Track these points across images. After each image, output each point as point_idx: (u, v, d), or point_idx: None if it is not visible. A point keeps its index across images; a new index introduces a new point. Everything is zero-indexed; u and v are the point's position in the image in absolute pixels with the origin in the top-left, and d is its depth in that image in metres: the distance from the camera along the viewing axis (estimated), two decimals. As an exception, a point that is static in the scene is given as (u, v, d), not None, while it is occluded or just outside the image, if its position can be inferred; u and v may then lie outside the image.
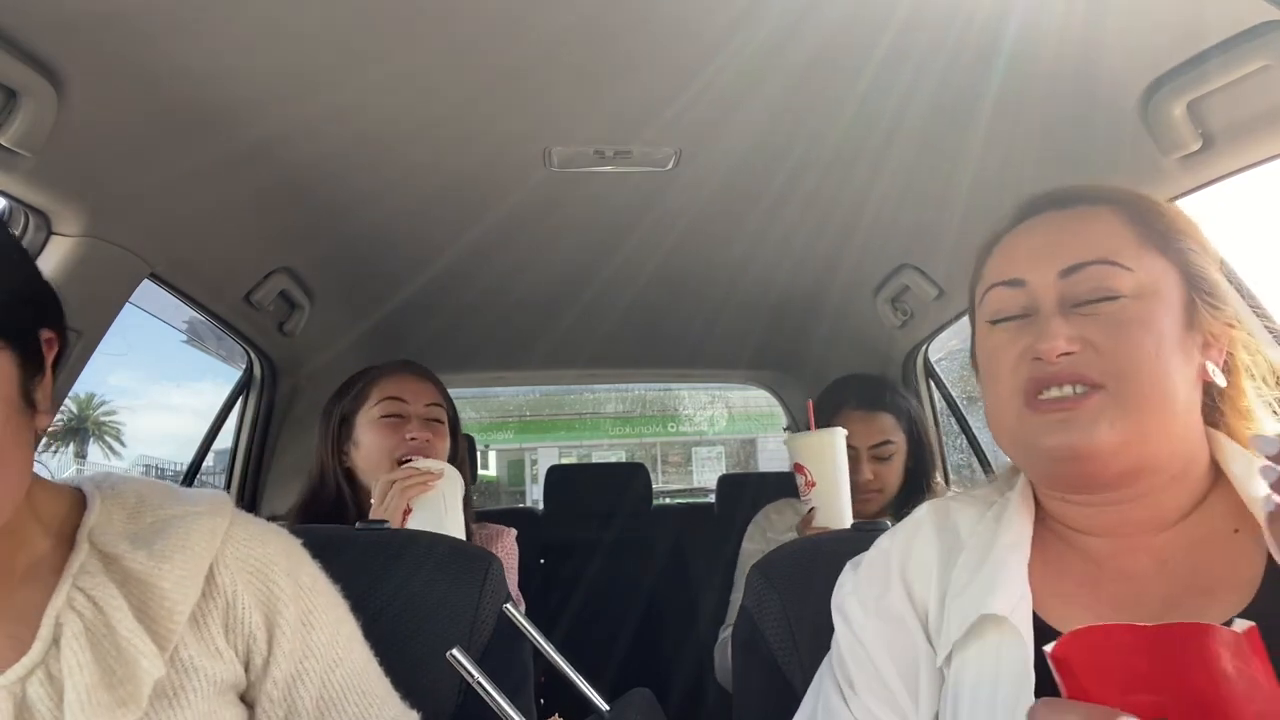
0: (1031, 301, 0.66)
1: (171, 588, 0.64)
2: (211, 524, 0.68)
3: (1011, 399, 0.65)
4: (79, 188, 1.07)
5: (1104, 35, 0.94)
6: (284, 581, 0.70)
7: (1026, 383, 0.64)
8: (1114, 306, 0.63)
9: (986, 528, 0.70)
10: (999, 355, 0.67)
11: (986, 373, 0.70)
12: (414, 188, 1.39)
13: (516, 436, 15.33)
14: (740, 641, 0.91)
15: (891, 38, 0.97)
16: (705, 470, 15.62)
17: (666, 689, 2.21)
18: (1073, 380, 0.62)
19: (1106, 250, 0.64)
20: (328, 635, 0.72)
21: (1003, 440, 0.70)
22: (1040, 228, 0.69)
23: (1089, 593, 0.65)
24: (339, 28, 0.94)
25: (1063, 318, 0.64)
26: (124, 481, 0.72)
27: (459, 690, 0.91)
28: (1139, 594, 0.63)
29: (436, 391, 1.47)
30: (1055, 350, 0.62)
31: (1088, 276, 0.64)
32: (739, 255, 1.75)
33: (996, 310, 0.69)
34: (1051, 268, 0.65)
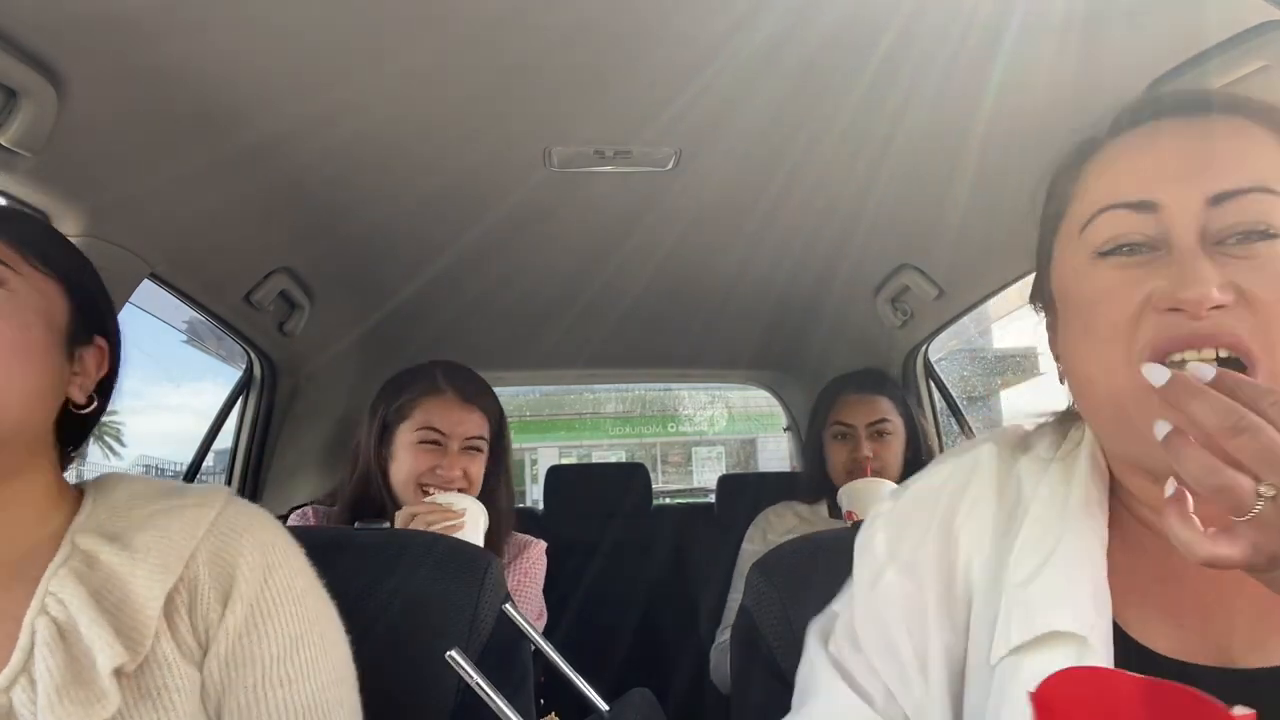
0: (1163, 232, 0.51)
1: (142, 580, 0.63)
2: (195, 515, 0.68)
3: (1129, 363, 0.50)
4: (79, 188, 1.07)
5: (1104, 35, 0.94)
6: (248, 577, 0.67)
7: (1157, 342, 0.49)
8: (1271, 249, 0.49)
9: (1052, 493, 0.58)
10: (1113, 299, 0.52)
11: (1088, 321, 0.54)
12: (414, 188, 1.39)
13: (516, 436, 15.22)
14: (739, 641, 0.91)
15: (891, 38, 0.97)
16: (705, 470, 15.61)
17: (666, 689, 2.21)
18: (1222, 344, 0.48)
19: (1263, 175, 0.50)
20: (278, 649, 0.66)
21: (1102, 410, 0.54)
22: (1171, 138, 0.54)
23: (1170, 591, 0.54)
24: (339, 28, 0.94)
25: (1209, 258, 0.49)
26: (120, 481, 0.72)
27: (458, 690, 0.91)
28: (1231, 592, 0.52)
29: (481, 423, 1.42)
30: (1206, 300, 0.47)
31: (1242, 206, 0.50)
32: (739, 255, 1.75)
33: (1112, 237, 0.53)
34: (1197, 190, 0.51)
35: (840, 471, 1.69)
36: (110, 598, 0.63)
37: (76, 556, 0.65)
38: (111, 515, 0.68)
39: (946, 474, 0.63)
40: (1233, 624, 0.52)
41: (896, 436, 1.68)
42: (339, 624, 0.74)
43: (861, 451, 1.64)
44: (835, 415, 1.73)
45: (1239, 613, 0.52)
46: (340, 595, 0.78)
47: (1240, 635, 0.52)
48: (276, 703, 0.65)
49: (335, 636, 0.73)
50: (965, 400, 2.10)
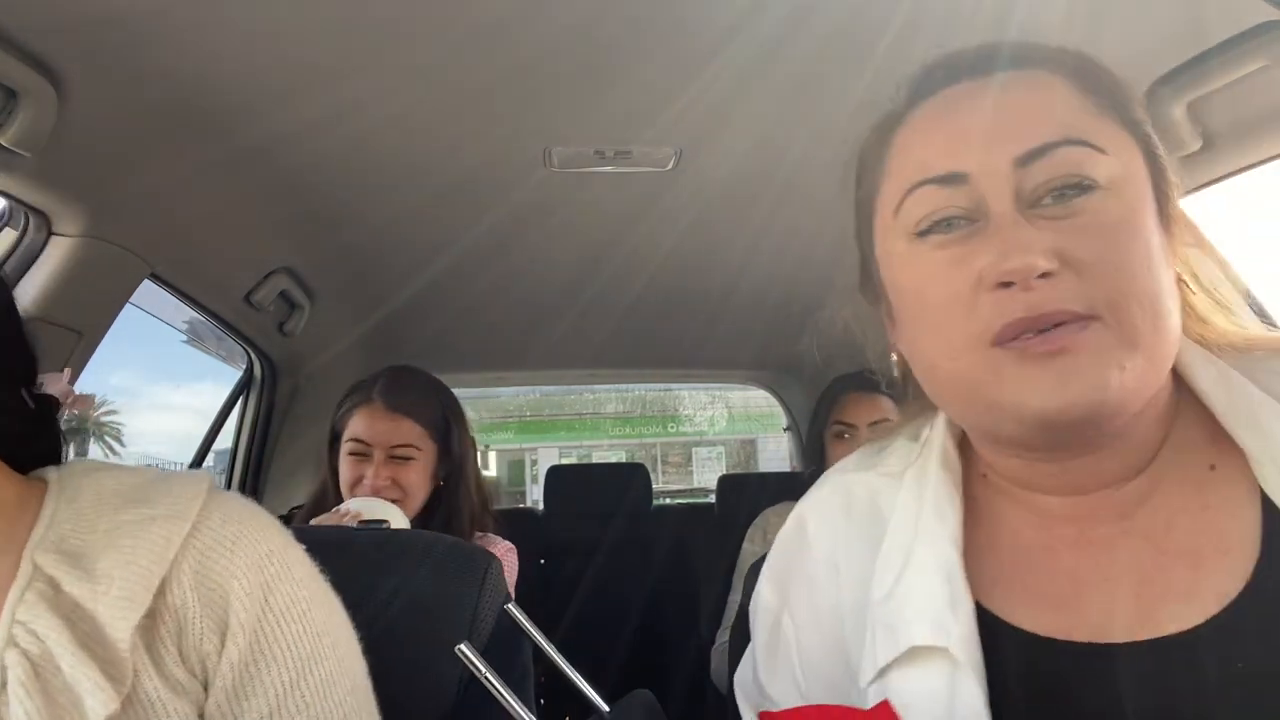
0: (977, 202, 0.48)
1: (107, 612, 0.55)
2: (165, 531, 0.58)
3: (973, 346, 0.48)
4: (79, 188, 1.07)
5: (1104, 36, 0.94)
6: (246, 604, 0.59)
7: (997, 326, 0.46)
8: (1089, 203, 0.46)
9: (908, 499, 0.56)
10: (941, 283, 0.49)
11: (919, 309, 0.51)
12: (414, 188, 1.39)
13: (517, 437, 15.32)
14: (739, 641, 0.91)
15: (891, 38, 0.97)
16: (705, 470, 15.60)
17: (667, 689, 2.21)
18: (1055, 319, 0.45)
19: (1068, 126, 0.48)
20: (290, 675, 0.60)
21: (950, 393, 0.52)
22: (967, 102, 0.51)
23: (1042, 569, 0.51)
24: (339, 29, 0.94)
25: (1029, 223, 0.46)
26: (87, 475, 0.62)
27: (458, 690, 0.91)
28: (1106, 566, 0.50)
29: (410, 428, 1.41)
30: (1032, 269, 0.45)
31: (1053, 163, 0.47)
32: (739, 255, 1.75)
33: (925, 216, 0.50)
34: (1003, 153, 0.48)
35: None
36: (81, 628, 0.55)
37: (40, 578, 0.56)
38: (75, 526, 0.59)
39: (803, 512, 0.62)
40: (1113, 595, 0.49)
41: None
42: (348, 622, 0.68)
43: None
44: (837, 415, 1.73)
45: (1118, 583, 0.49)
46: (340, 595, 0.78)
47: (1122, 606, 0.49)
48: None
49: (347, 640, 0.67)
50: (965, 400, 2.10)
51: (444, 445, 1.47)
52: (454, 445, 1.48)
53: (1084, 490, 0.51)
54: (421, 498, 1.44)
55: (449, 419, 1.49)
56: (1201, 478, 0.50)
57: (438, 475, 1.47)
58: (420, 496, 1.44)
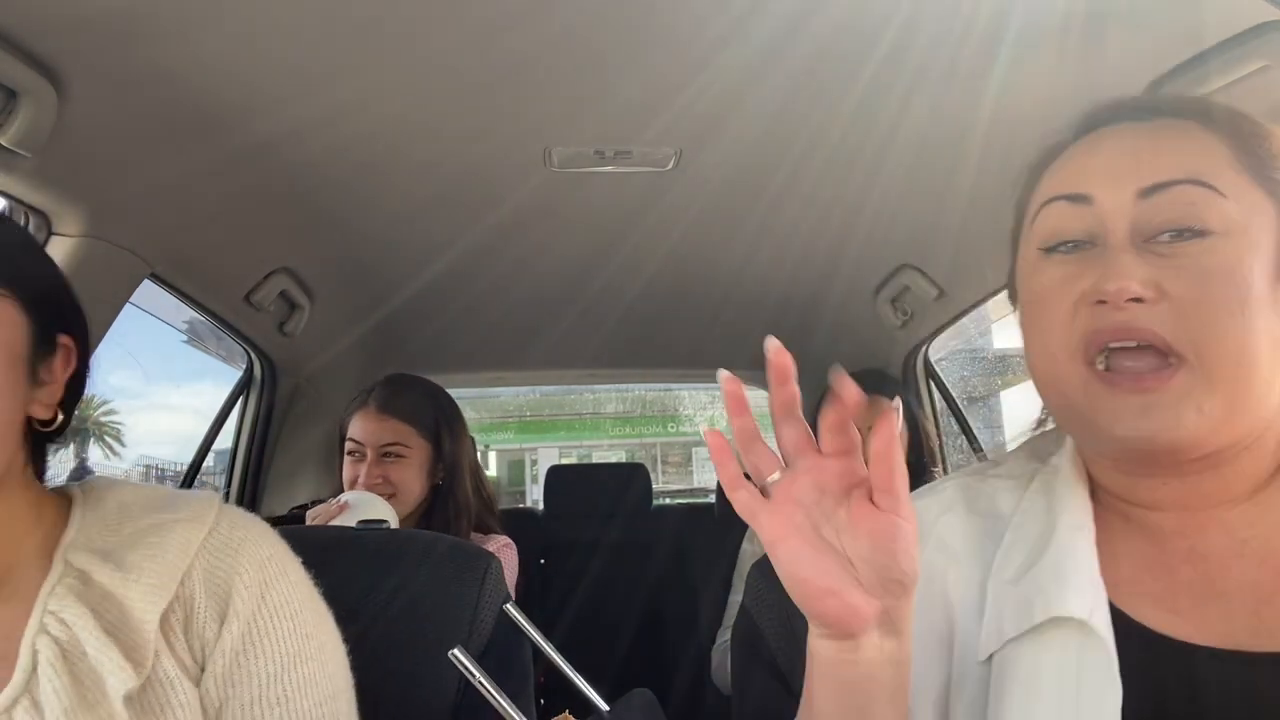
0: (1098, 225, 0.54)
1: (139, 599, 0.62)
2: (187, 533, 0.65)
3: (1070, 359, 0.53)
4: (79, 188, 1.07)
5: (1104, 35, 0.94)
6: (245, 596, 0.65)
7: (1087, 336, 0.52)
8: (1199, 247, 0.51)
9: (1034, 503, 0.60)
10: (1052, 296, 0.55)
11: (1035, 317, 0.58)
12: (414, 188, 1.39)
13: (517, 436, 15.31)
14: (740, 642, 0.91)
15: (892, 38, 0.97)
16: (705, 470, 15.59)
17: (666, 689, 2.21)
18: (1140, 337, 0.50)
19: (1197, 168, 0.52)
20: (275, 668, 0.65)
21: (1054, 405, 0.58)
22: (1114, 139, 0.57)
23: (1161, 580, 0.55)
24: (339, 28, 0.94)
25: (1135, 253, 0.52)
26: (109, 489, 0.69)
27: (458, 690, 0.91)
28: (1220, 579, 0.53)
29: (398, 426, 1.50)
30: (1125, 292, 0.50)
31: (1173, 200, 0.52)
32: (739, 255, 1.75)
33: (1053, 232, 0.56)
34: (1128, 184, 0.53)
35: None
36: (108, 616, 0.61)
37: (71, 574, 0.63)
38: (102, 529, 0.66)
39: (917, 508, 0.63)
40: (1230, 610, 0.52)
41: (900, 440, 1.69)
42: (337, 635, 0.72)
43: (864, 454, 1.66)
44: None
45: (1234, 599, 0.52)
46: (340, 595, 0.78)
47: (1240, 623, 0.52)
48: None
49: (333, 649, 0.71)
50: (965, 400, 2.10)
51: (436, 445, 1.52)
52: (446, 445, 1.53)
53: (1191, 508, 0.55)
54: (415, 495, 1.50)
55: (440, 420, 1.54)
56: None
57: (434, 475, 1.52)
58: (413, 494, 1.49)
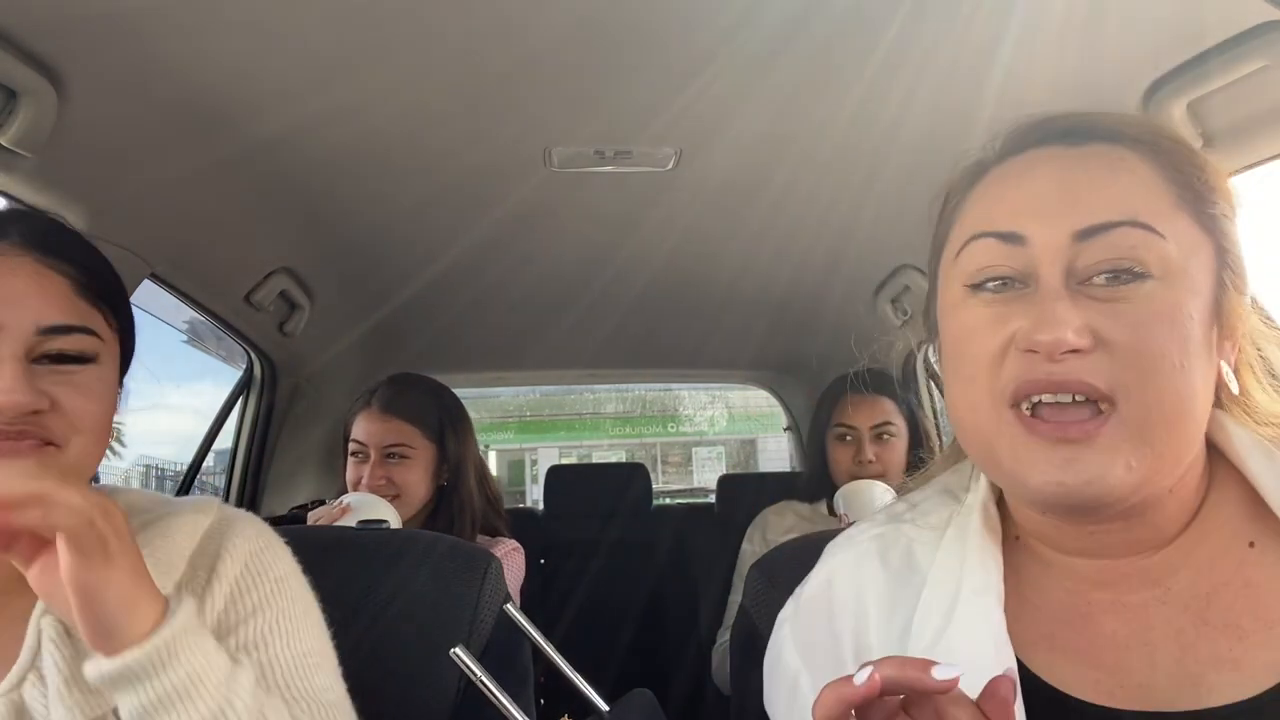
0: (1029, 266, 0.50)
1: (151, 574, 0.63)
2: (194, 520, 0.69)
3: (994, 404, 0.50)
4: (79, 188, 1.07)
5: (1104, 36, 0.94)
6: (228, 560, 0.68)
7: (1016, 383, 0.49)
8: (1137, 291, 0.48)
9: (949, 554, 0.57)
10: (977, 337, 0.51)
11: (955, 358, 0.54)
12: (414, 188, 1.39)
13: (517, 436, 15.31)
14: (739, 641, 0.91)
15: (891, 38, 0.97)
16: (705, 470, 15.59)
17: (666, 689, 2.21)
18: (1075, 390, 0.47)
19: (1135, 208, 0.49)
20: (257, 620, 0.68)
21: (974, 450, 0.55)
22: (1046, 168, 0.53)
23: (1080, 633, 0.52)
24: (339, 28, 0.94)
25: (1070, 297, 0.48)
26: (115, 493, 0.72)
27: (458, 690, 0.91)
28: (1143, 630, 0.51)
29: (401, 427, 1.49)
30: (1060, 344, 0.47)
31: (1110, 242, 0.48)
32: (739, 255, 1.75)
33: (981, 269, 0.52)
34: (1064, 224, 0.49)
35: (843, 473, 1.70)
36: None
37: None
38: None
39: (835, 565, 0.62)
40: (1153, 660, 0.50)
41: (899, 439, 1.69)
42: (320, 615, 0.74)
43: (865, 454, 1.65)
44: (838, 417, 1.73)
45: (1158, 648, 0.50)
46: (340, 595, 0.78)
47: (1163, 672, 0.49)
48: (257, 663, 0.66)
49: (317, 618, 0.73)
50: (965, 400, 2.09)
51: (441, 445, 1.50)
52: (450, 445, 1.51)
53: (1113, 555, 0.53)
54: (419, 496, 1.49)
55: (444, 420, 1.53)
56: (1242, 554, 0.51)
57: (438, 476, 1.50)
58: (417, 495, 1.48)
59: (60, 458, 0.62)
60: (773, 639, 0.64)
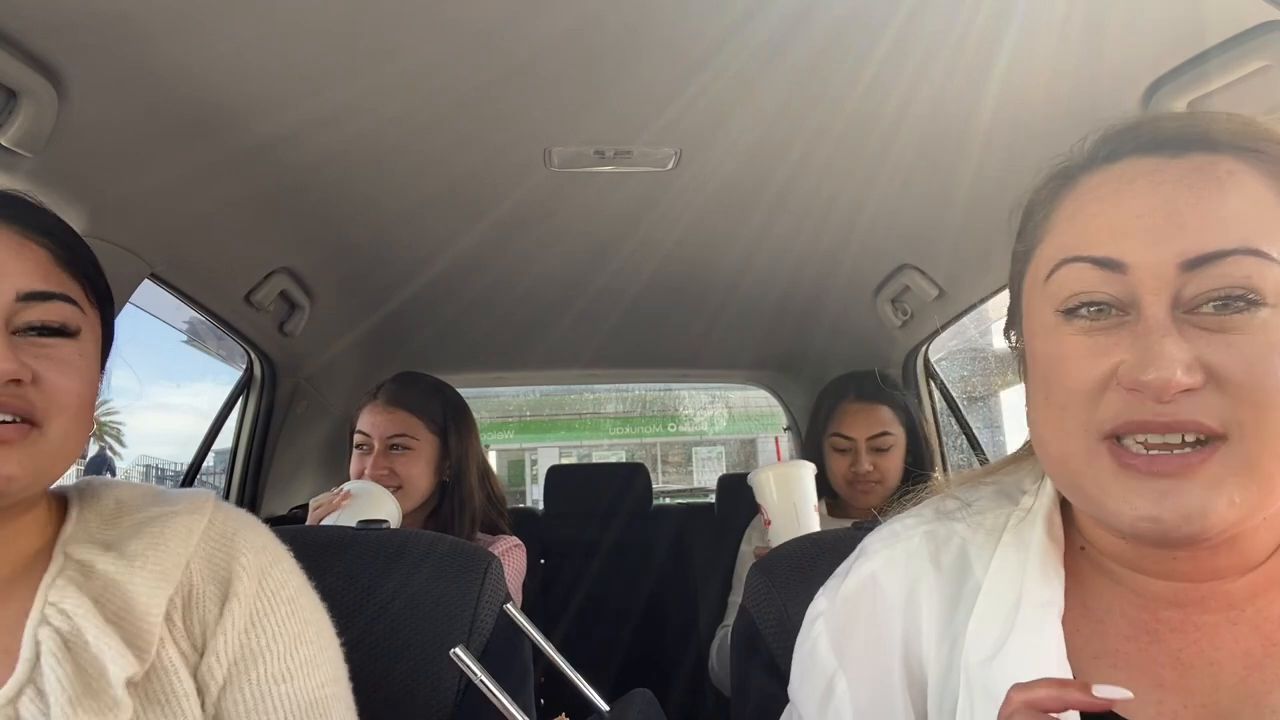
0: (1131, 295, 0.46)
1: (143, 585, 0.63)
2: (188, 522, 0.67)
3: (1086, 435, 0.47)
4: (79, 188, 1.07)
5: (1104, 35, 0.94)
6: (244, 578, 0.67)
7: (1118, 422, 0.45)
8: (1251, 321, 0.44)
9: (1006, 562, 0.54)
10: (1073, 368, 0.48)
11: (1045, 383, 0.50)
12: (414, 188, 1.39)
13: (516, 436, 15.33)
14: (739, 641, 0.91)
15: (891, 38, 0.97)
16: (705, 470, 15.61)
17: (666, 689, 2.21)
18: (1186, 429, 0.44)
19: (1248, 233, 0.44)
20: (279, 647, 0.67)
21: (1057, 475, 0.52)
22: (1147, 186, 0.48)
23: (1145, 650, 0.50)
24: (339, 28, 0.94)
25: (1179, 334, 0.44)
26: (104, 487, 0.71)
27: (458, 690, 0.91)
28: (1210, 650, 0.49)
29: (405, 418, 1.51)
30: (1170, 386, 0.43)
31: (1221, 271, 0.44)
32: (739, 255, 1.75)
33: (1074, 295, 0.48)
34: (1170, 252, 0.45)
35: (841, 482, 1.69)
36: (111, 606, 0.62)
37: (71, 566, 0.64)
38: (101, 524, 0.67)
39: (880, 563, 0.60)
40: (1218, 680, 0.49)
41: (897, 447, 1.68)
42: (330, 626, 0.74)
43: (862, 465, 1.64)
44: (836, 426, 1.70)
45: (1224, 668, 0.48)
46: (340, 595, 0.78)
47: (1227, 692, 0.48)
48: (280, 697, 0.66)
49: (329, 636, 0.73)
50: (965, 400, 2.10)
51: (444, 440, 1.52)
52: (453, 441, 1.53)
53: (1194, 579, 0.50)
54: (422, 490, 1.50)
55: (448, 416, 1.55)
56: None
57: (440, 470, 1.51)
58: (420, 488, 1.49)
59: (42, 442, 0.60)
60: (805, 632, 0.62)
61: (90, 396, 0.64)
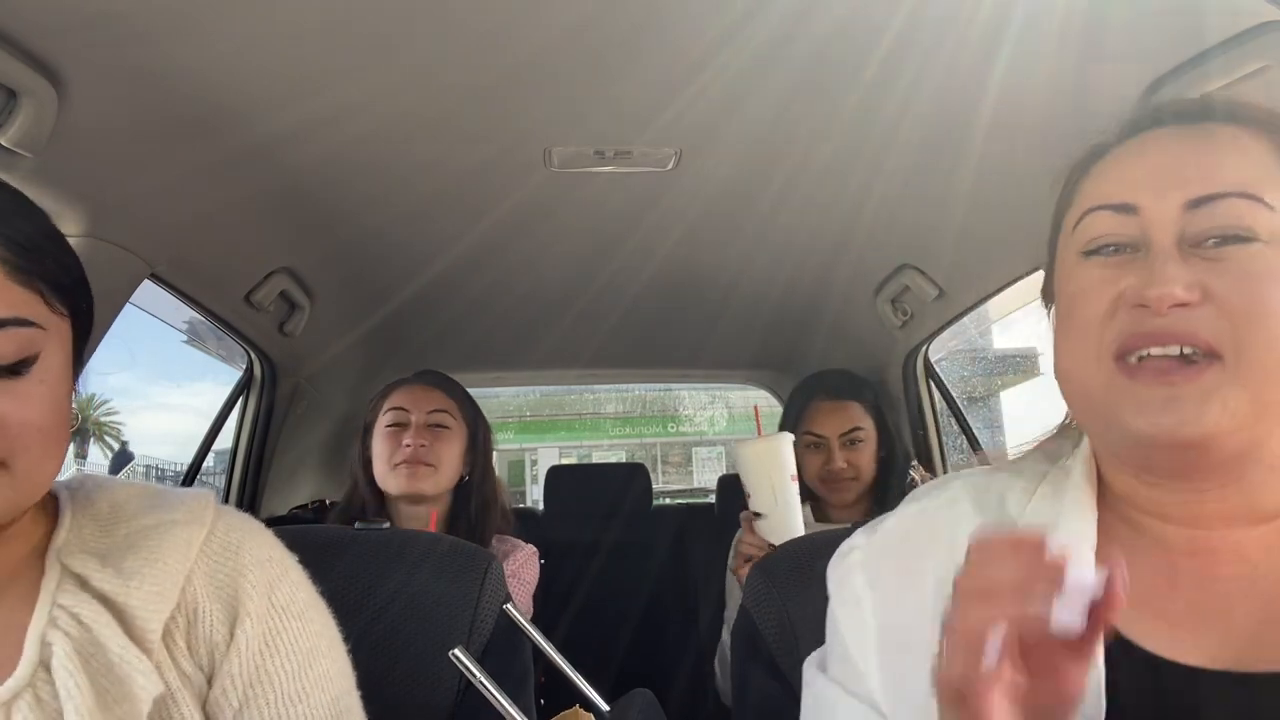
0: (1143, 233, 0.53)
1: (140, 605, 0.59)
2: (187, 535, 0.63)
3: (1099, 358, 0.53)
4: (79, 188, 1.07)
5: (1104, 35, 0.94)
6: (253, 595, 0.64)
7: (1122, 338, 0.51)
8: (1246, 252, 0.50)
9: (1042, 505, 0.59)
10: (1089, 297, 0.54)
11: (1067, 317, 0.57)
12: (414, 188, 1.39)
13: (517, 437, 15.34)
14: (739, 641, 0.91)
15: (892, 38, 0.97)
16: (705, 470, 15.61)
17: (666, 689, 2.21)
18: (1182, 340, 0.50)
19: (1245, 180, 0.52)
20: (293, 665, 0.65)
21: (1077, 404, 0.57)
22: (1159, 145, 0.56)
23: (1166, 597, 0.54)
24: (339, 29, 0.94)
25: (1181, 259, 0.51)
26: (99, 488, 0.67)
27: (459, 689, 0.91)
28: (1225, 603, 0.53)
29: (443, 398, 1.50)
30: (1168, 299, 0.50)
31: (1220, 211, 0.51)
32: (739, 255, 1.75)
33: (1095, 238, 0.55)
34: (1176, 195, 0.52)
35: (815, 479, 1.69)
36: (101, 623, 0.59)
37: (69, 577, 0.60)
38: (96, 531, 0.63)
39: (920, 507, 0.64)
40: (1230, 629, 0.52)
41: (869, 441, 1.69)
42: (338, 633, 0.73)
43: (835, 462, 1.65)
44: (807, 424, 1.70)
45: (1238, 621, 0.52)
46: (341, 595, 0.78)
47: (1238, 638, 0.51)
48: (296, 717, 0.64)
49: (339, 646, 0.71)
50: (965, 400, 2.10)
51: (472, 429, 1.53)
52: (480, 436, 1.54)
53: (1206, 526, 0.54)
54: (450, 476, 1.48)
55: (475, 410, 1.57)
56: None
57: (467, 461, 1.51)
58: (451, 474, 1.48)
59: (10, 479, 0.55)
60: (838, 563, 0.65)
61: (59, 417, 0.59)
